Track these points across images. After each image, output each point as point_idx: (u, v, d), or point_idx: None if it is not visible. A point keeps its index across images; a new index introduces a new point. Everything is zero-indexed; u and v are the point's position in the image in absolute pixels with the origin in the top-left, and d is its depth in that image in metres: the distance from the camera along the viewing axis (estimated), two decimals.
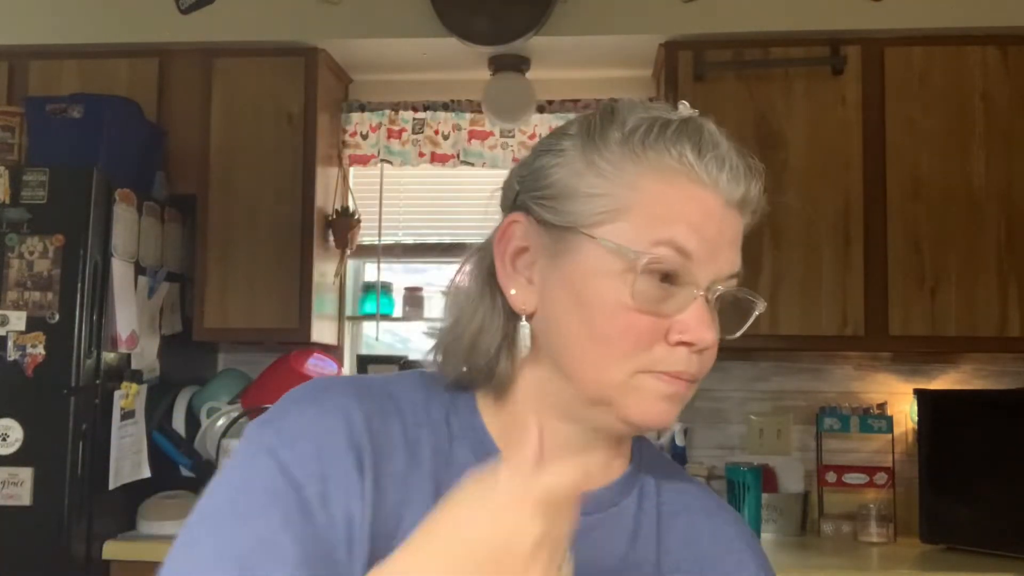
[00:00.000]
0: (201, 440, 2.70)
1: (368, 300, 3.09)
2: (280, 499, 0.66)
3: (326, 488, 0.68)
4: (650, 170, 0.70)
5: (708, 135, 0.72)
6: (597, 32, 2.75)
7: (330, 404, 0.72)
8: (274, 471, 0.68)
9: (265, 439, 0.70)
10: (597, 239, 0.69)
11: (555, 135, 0.76)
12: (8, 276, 2.29)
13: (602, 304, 0.69)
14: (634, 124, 0.71)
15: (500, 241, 0.75)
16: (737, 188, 0.71)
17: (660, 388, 0.70)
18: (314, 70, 2.82)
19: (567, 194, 0.71)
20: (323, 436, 0.70)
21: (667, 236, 0.68)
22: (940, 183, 2.59)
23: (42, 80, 2.86)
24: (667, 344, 0.69)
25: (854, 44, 2.65)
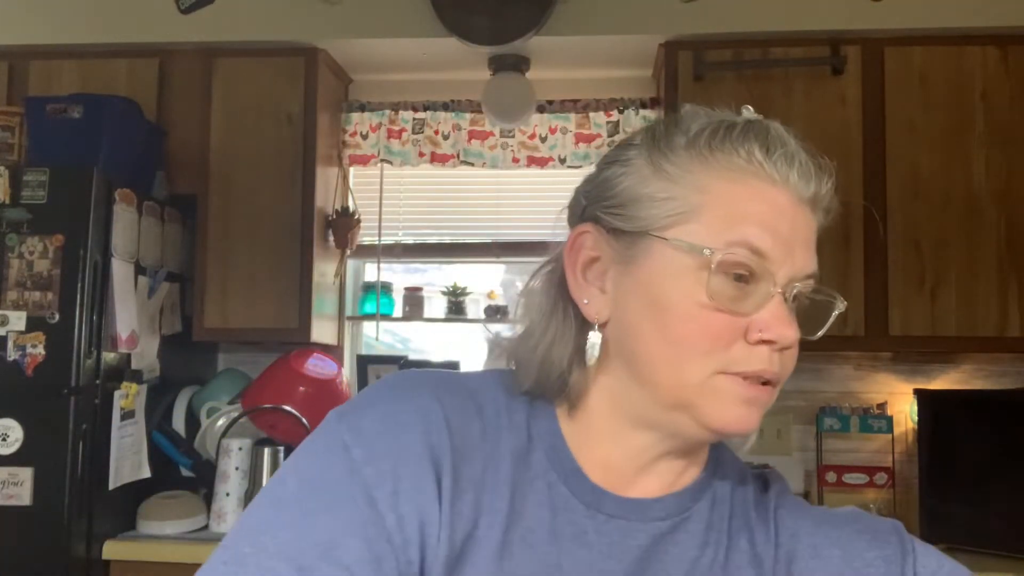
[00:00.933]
0: (201, 440, 2.70)
1: (368, 300, 3.09)
2: (349, 499, 0.67)
3: (398, 487, 0.67)
4: (718, 171, 0.70)
5: (775, 134, 0.71)
6: (597, 32, 2.75)
7: (410, 403, 0.71)
8: (346, 469, 0.68)
9: (341, 434, 0.70)
10: (669, 240, 0.69)
11: (620, 147, 0.76)
12: (8, 276, 2.29)
13: (678, 305, 0.68)
14: (699, 128, 0.71)
15: (571, 252, 0.75)
16: (808, 185, 0.70)
17: (739, 391, 0.68)
18: (314, 70, 2.82)
19: (636, 200, 0.71)
20: (400, 435, 0.69)
21: (740, 236, 0.68)
22: (940, 183, 2.59)
23: (42, 80, 2.86)
24: (746, 343, 0.68)
25: (854, 44, 2.65)
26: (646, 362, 0.70)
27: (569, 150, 2.99)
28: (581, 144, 2.98)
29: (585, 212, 0.76)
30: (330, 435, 0.70)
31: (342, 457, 0.68)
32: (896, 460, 2.77)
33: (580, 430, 0.75)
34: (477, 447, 0.72)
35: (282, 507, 0.67)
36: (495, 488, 0.71)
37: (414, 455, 0.69)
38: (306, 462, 0.70)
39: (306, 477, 0.68)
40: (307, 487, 0.68)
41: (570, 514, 0.72)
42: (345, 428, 0.70)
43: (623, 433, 0.74)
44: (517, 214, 3.12)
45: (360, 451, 0.68)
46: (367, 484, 0.67)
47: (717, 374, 0.68)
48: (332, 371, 2.83)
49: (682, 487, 0.76)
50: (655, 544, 0.73)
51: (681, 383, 0.69)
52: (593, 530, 0.72)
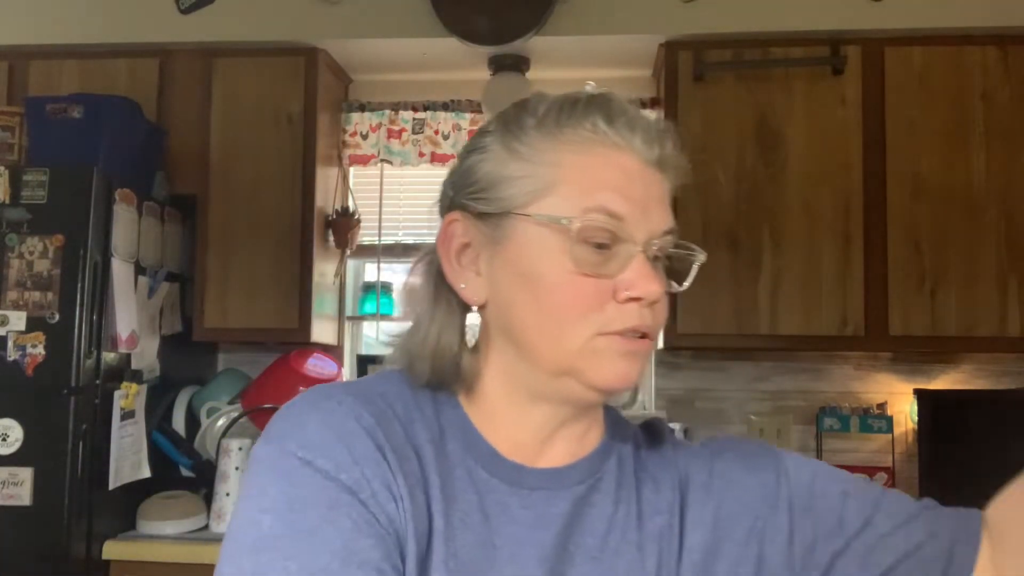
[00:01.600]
0: (201, 440, 2.70)
1: (368, 300, 3.09)
2: (341, 505, 0.67)
3: (373, 488, 0.69)
4: (568, 144, 0.73)
5: (617, 104, 0.75)
6: (597, 32, 2.75)
7: (339, 410, 0.72)
8: (321, 480, 0.68)
9: (294, 453, 0.69)
10: (531, 216, 0.72)
11: (476, 135, 0.80)
12: (8, 276, 2.29)
13: (546, 275, 0.72)
14: (546, 108, 0.75)
15: (443, 242, 0.78)
16: (652, 148, 0.74)
17: (617, 347, 0.72)
18: (314, 70, 2.82)
19: (496, 182, 0.75)
20: (350, 440, 0.70)
21: (596, 202, 0.71)
22: (940, 183, 2.59)
23: (42, 80, 2.86)
24: (617, 303, 0.72)
25: (854, 44, 2.65)
26: (526, 335, 0.74)
27: None
28: None
29: (452, 202, 0.80)
30: (280, 460, 0.69)
31: (310, 472, 0.68)
32: (896, 460, 2.77)
33: (483, 413, 0.78)
34: (405, 445, 0.73)
35: (272, 544, 0.65)
36: (431, 479, 0.73)
37: (372, 459, 0.70)
38: (271, 494, 0.68)
39: (282, 506, 0.67)
40: (289, 513, 0.66)
41: (494, 494, 0.75)
42: (295, 447, 0.69)
43: (522, 409, 0.77)
44: None
45: (325, 461, 0.68)
46: (350, 488, 0.68)
47: (595, 336, 0.71)
48: (332, 371, 2.83)
49: (588, 451, 0.80)
50: (576, 508, 0.76)
51: (562, 350, 0.72)
52: (518, 505, 0.75)
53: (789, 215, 2.61)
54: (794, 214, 2.61)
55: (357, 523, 0.66)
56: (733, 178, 2.66)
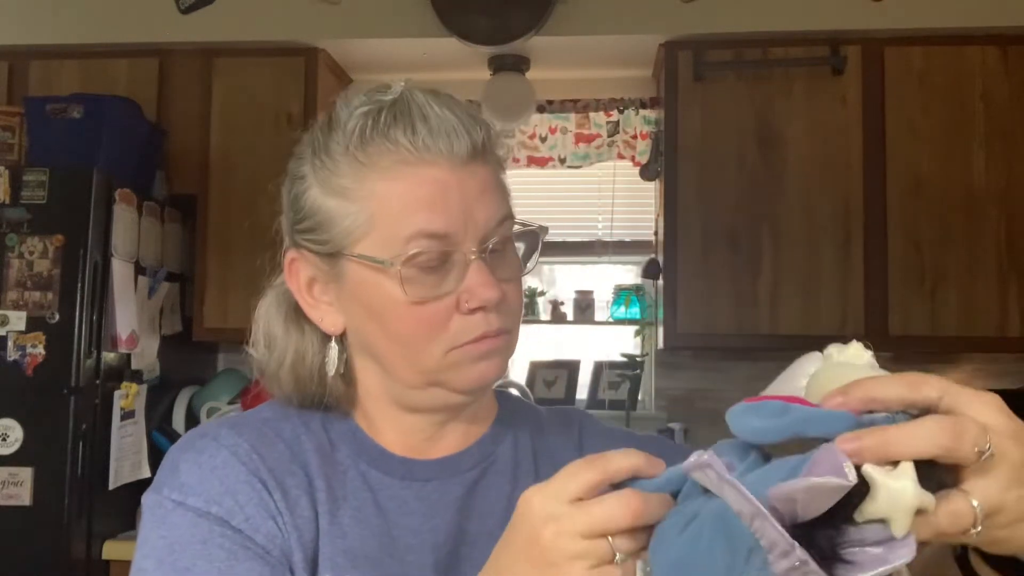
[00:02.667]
0: None
1: None
2: (213, 539, 0.69)
3: (247, 512, 0.71)
4: (377, 172, 0.72)
5: (417, 109, 0.72)
6: (597, 32, 2.75)
7: (211, 446, 0.74)
8: (193, 518, 0.70)
9: (168, 497, 0.72)
10: (357, 257, 0.73)
11: (296, 159, 0.80)
12: (8, 276, 2.29)
13: (386, 309, 0.73)
14: (351, 125, 0.73)
15: (290, 279, 0.80)
16: (462, 146, 0.72)
17: (473, 353, 0.73)
18: (314, 70, 2.82)
19: (320, 222, 0.75)
20: (222, 472, 0.72)
21: (413, 229, 0.71)
22: (940, 183, 2.59)
23: (42, 80, 2.86)
24: (462, 314, 0.72)
25: (854, 44, 2.65)
26: (385, 359, 0.76)
27: (569, 150, 2.99)
28: (581, 144, 2.98)
29: (290, 234, 0.80)
30: (157, 507, 0.72)
31: (181, 512, 0.71)
32: None
33: (368, 421, 0.80)
34: (290, 462, 0.75)
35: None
36: (316, 485, 0.75)
37: (243, 483, 0.72)
38: (152, 540, 0.71)
39: (160, 548, 0.70)
40: (168, 556, 0.69)
41: (389, 490, 0.77)
42: (167, 491, 0.72)
43: (400, 418, 0.79)
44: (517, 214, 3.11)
45: (195, 499, 0.71)
46: (221, 519, 0.70)
47: (448, 352, 0.73)
48: None
49: (478, 437, 0.82)
50: (470, 492, 0.78)
51: (420, 369, 0.74)
52: (413, 498, 0.77)
53: (789, 215, 2.61)
54: (794, 214, 2.61)
55: (232, 551, 0.69)
56: (733, 178, 2.66)
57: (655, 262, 2.79)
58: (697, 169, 2.67)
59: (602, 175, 3.04)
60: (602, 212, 3.05)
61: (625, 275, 3.13)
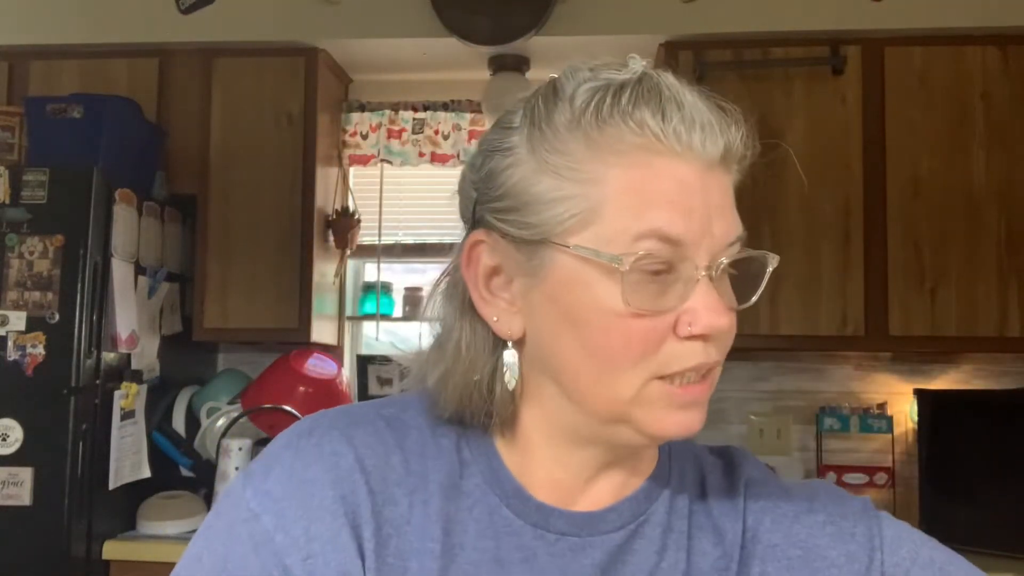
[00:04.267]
0: (201, 440, 2.70)
1: (368, 300, 3.09)
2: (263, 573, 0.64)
3: (312, 551, 0.64)
4: (612, 155, 0.61)
5: (669, 93, 0.62)
6: (597, 32, 2.75)
7: (317, 453, 0.66)
8: (258, 541, 0.64)
9: (247, 502, 0.66)
10: (571, 248, 0.61)
11: (501, 128, 0.67)
12: (8, 276, 2.29)
13: (593, 317, 0.61)
14: (583, 99, 0.62)
15: (468, 266, 0.67)
16: (715, 146, 0.63)
17: (676, 398, 0.63)
18: (314, 70, 2.82)
19: (527, 202, 0.63)
20: (310, 493, 0.65)
21: (648, 227, 0.60)
22: (940, 183, 2.59)
23: (42, 80, 2.86)
24: (677, 339, 0.61)
25: (854, 44, 2.65)
26: (572, 379, 0.64)
27: None
28: None
29: (476, 212, 0.67)
30: (237, 505, 0.66)
31: (251, 529, 0.65)
32: (896, 460, 2.77)
33: (518, 452, 0.69)
34: (400, 483, 0.67)
35: None
36: (424, 526, 0.66)
37: (327, 512, 0.64)
38: (217, 539, 0.67)
39: (217, 557, 0.66)
40: (218, 567, 0.65)
41: (515, 538, 0.67)
42: (251, 495, 0.66)
43: (564, 451, 0.68)
44: None
45: (269, 519, 0.64)
46: (278, 553, 0.63)
47: (650, 380, 0.62)
48: (332, 371, 2.83)
49: (635, 488, 0.70)
50: (611, 559, 0.67)
51: (614, 398, 0.63)
52: (544, 552, 0.67)
53: (789, 215, 2.61)
54: (794, 214, 2.61)
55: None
56: None
57: None
58: None
59: None
60: None
61: None
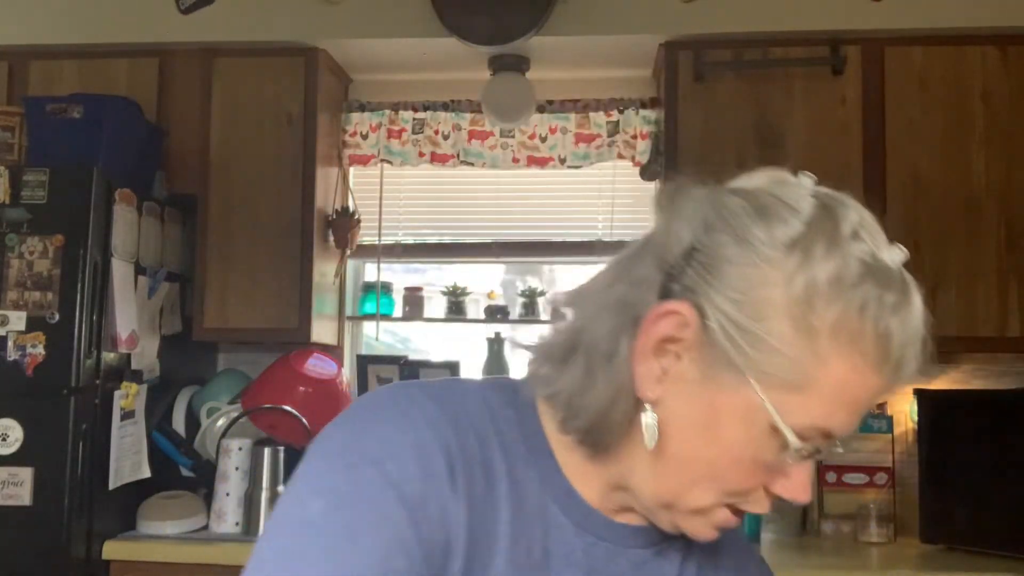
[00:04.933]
0: (201, 440, 2.70)
1: (368, 300, 3.09)
2: (392, 518, 0.63)
3: (427, 511, 0.65)
4: (846, 344, 0.62)
5: (911, 305, 0.64)
6: (597, 32, 2.75)
7: (418, 416, 0.68)
8: (382, 485, 0.64)
9: (367, 448, 0.66)
10: (762, 399, 0.63)
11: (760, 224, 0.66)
12: (8, 276, 2.29)
13: (732, 450, 0.66)
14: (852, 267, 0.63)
15: (652, 324, 0.66)
16: (911, 374, 0.66)
17: (725, 521, 0.69)
18: (314, 70, 2.82)
19: (755, 332, 0.63)
20: (421, 451, 0.66)
21: (826, 425, 0.64)
22: (940, 183, 2.59)
23: (42, 80, 2.86)
24: (765, 490, 0.68)
25: (854, 44, 2.65)
26: (670, 467, 0.68)
27: (569, 150, 2.99)
28: (581, 144, 2.98)
29: (686, 276, 0.66)
30: (350, 451, 0.66)
31: (374, 473, 0.64)
32: (896, 460, 2.77)
33: (574, 463, 0.73)
34: (477, 463, 0.69)
35: (313, 532, 0.62)
36: (499, 505, 0.69)
37: (437, 473, 0.66)
38: (331, 480, 0.65)
39: (336, 496, 0.64)
40: (339, 507, 0.63)
41: (561, 532, 0.71)
42: (372, 442, 0.66)
43: (607, 490, 0.73)
44: (517, 214, 3.12)
45: (392, 466, 0.65)
46: (407, 502, 0.64)
47: (721, 504, 0.68)
48: (332, 371, 2.83)
49: None
50: (635, 570, 0.74)
51: (687, 500, 0.68)
52: (581, 550, 0.72)
53: None
54: None
55: (402, 541, 0.63)
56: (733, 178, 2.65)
57: None
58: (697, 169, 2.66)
59: (602, 175, 3.04)
60: (602, 212, 3.05)
61: None
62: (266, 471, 2.51)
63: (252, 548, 0.65)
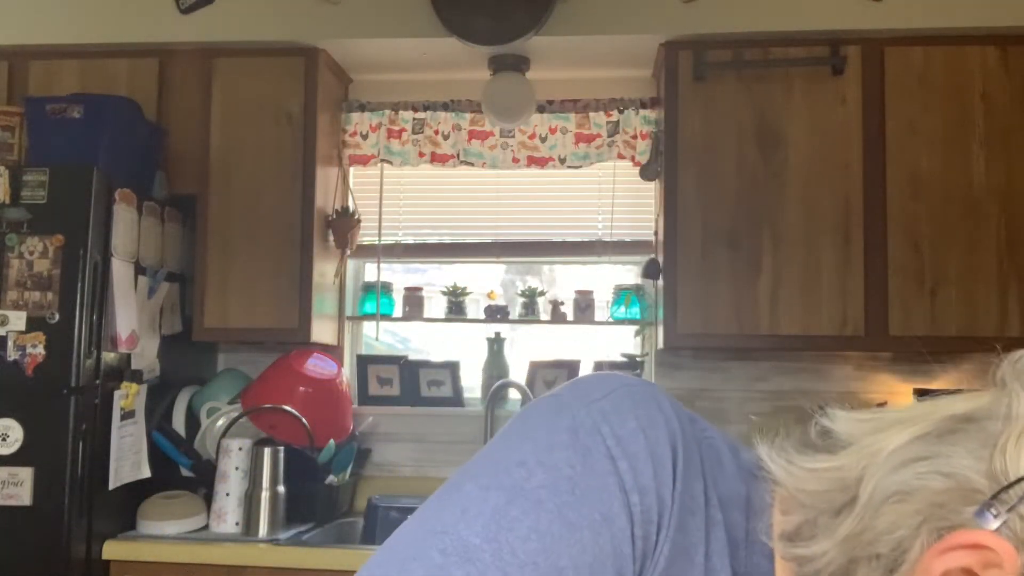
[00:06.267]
0: (201, 440, 2.70)
1: (368, 300, 3.09)
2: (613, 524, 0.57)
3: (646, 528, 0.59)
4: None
5: None
6: (597, 32, 2.75)
7: (664, 428, 0.62)
8: (615, 484, 0.58)
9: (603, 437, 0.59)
10: None
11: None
12: (8, 276, 2.29)
13: None
14: None
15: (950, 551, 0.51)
16: None
17: None
18: (314, 70, 2.82)
19: None
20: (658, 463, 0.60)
21: None
22: (940, 183, 2.59)
23: (42, 80, 2.86)
24: None
25: (854, 44, 2.65)
26: None
27: (569, 150, 2.99)
28: (581, 144, 2.98)
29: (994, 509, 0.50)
30: (589, 434, 0.60)
31: (609, 468, 0.59)
32: None
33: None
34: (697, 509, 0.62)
35: (530, 502, 0.57)
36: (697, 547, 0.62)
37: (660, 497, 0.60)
38: (561, 455, 0.59)
39: (562, 475, 0.58)
40: (565, 489, 0.58)
41: None
42: (608, 431, 0.60)
43: None
44: (517, 214, 3.12)
45: (627, 466, 0.59)
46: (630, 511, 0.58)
47: None
48: (332, 371, 2.83)
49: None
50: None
51: None
52: None
53: (789, 215, 2.61)
54: (794, 214, 2.61)
55: (616, 549, 0.57)
56: (733, 178, 2.66)
57: (655, 262, 2.79)
58: (697, 169, 2.67)
59: (602, 175, 3.04)
60: (602, 212, 3.05)
61: (625, 275, 3.13)
62: (266, 471, 2.51)
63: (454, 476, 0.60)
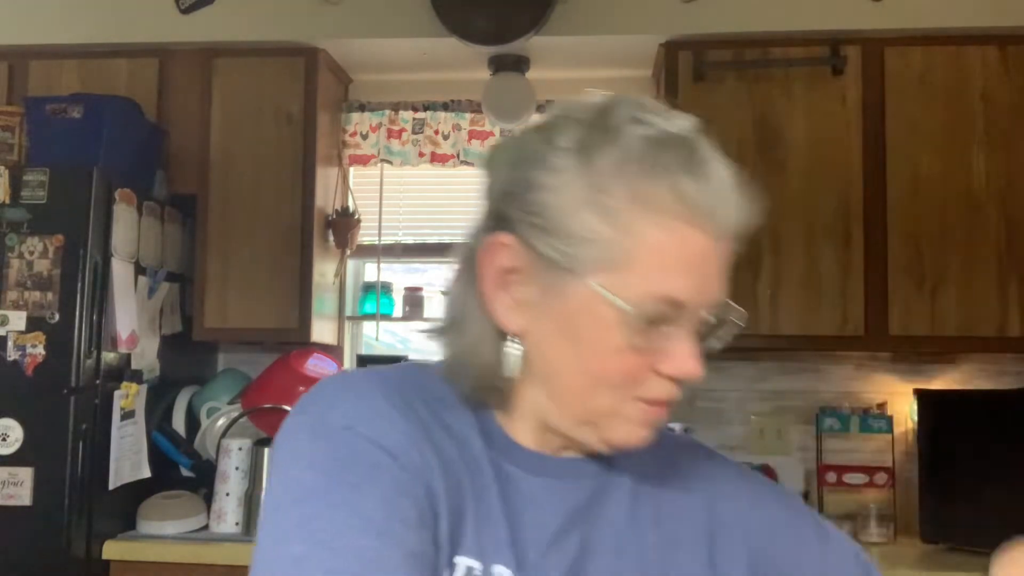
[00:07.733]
0: (201, 440, 2.70)
1: (368, 300, 3.09)
2: (383, 467, 0.68)
3: (410, 455, 0.70)
4: (650, 212, 0.67)
5: (708, 162, 0.69)
6: (597, 32, 2.75)
7: (376, 392, 0.73)
8: (364, 443, 0.69)
9: (336, 420, 0.70)
10: (593, 287, 0.68)
11: (546, 141, 0.71)
12: (8, 276, 2.29)
13: (595, 345, 0.69)
14: (633, 148, 0.68)
15: (486, 260, 0.72)
16: (735, 220, 0.70)
17: (644, 415, 0.72)
18: (314, 70, 2.82)
19: (564, 232, 0.68)
20: (388, 415, 0.71)
21: (664, 292, 0.68)
22: (940, 183, 2.59)
23: (42, 80, 2.86)
24: (656, 374, 0.71)
25: (854, 44, 2.65)
26: (559, 384, 0.73)
27: None
28: None
29: (504, 209, 0.72)
30: (321, 426, 0.71)
31: (351, 436, 0.69)
32: (896, 460, 2.77)
33: (509, 420, 0.77)
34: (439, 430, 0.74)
35: (316, 495, 0.67)
36: (458, 467, 0.73)
37: (411, 436, 0.71)
38: (313, 455, 0.69)
39: (325, 463, 0.68)
40: (333, 469, 0.67)
41: (517, 483, 0.75)
42: (337, 416, 0.71)
43: (540, 432, 0.77)
44: None
45: (367, 428, 0.70)
46: (391, 452, 0.69)
47: (626, 401, 0.71)
48: (332, 371, 2.83)
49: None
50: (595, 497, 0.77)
51: (591, 407, 0.72)
52: (541, 488, 0.76)
53: (789, 215, 2.61)
54: (794, 214, 2.61)
55: (398, 483, 0.68)
56: None
57: None
58: None
59: None
60: None
61: None
62: (266, 471, 2.51)
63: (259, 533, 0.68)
